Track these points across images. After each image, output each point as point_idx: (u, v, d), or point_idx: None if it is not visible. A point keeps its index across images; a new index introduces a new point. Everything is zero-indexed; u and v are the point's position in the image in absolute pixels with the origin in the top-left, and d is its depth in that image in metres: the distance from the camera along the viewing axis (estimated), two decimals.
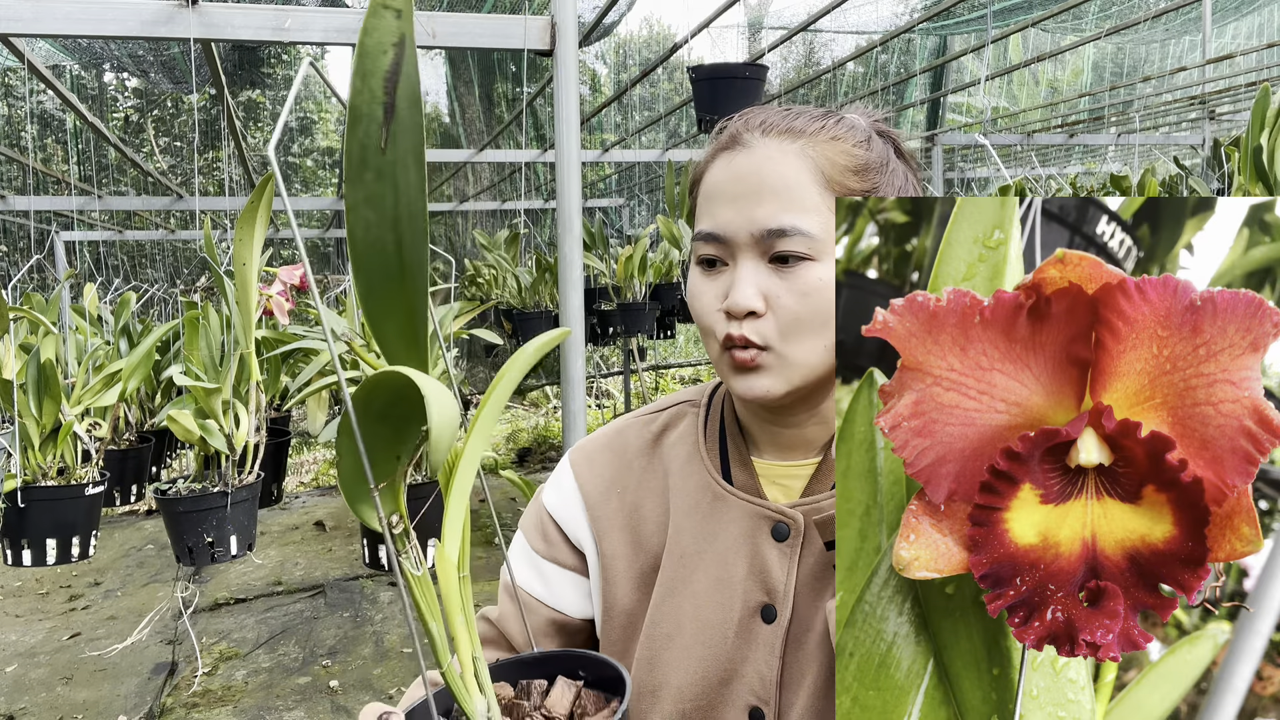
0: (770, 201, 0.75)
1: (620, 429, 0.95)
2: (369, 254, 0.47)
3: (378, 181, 0.46)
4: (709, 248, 0.78)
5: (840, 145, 0.78)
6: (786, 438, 0.83)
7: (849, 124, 0.80)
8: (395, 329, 0.49)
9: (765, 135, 0.78)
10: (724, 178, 0.79)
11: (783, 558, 0.79)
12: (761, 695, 0.78)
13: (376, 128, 0.45)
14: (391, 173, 0.46)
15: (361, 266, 0.48)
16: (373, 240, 0.47)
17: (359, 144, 0.45)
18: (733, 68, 3.95)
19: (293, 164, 14.53)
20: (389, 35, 0.45)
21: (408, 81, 0.45)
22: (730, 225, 0.77)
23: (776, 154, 0.77)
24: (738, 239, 0.76)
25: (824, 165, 0.77)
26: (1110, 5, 6.41)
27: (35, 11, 1.77)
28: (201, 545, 2.24)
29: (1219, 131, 6.13)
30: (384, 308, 0.49)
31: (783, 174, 0.76)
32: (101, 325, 3.32)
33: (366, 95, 0.45)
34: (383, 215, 0.47)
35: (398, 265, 0.48)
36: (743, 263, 0.76)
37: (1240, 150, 2.94)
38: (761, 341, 0.76)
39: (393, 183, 0.46)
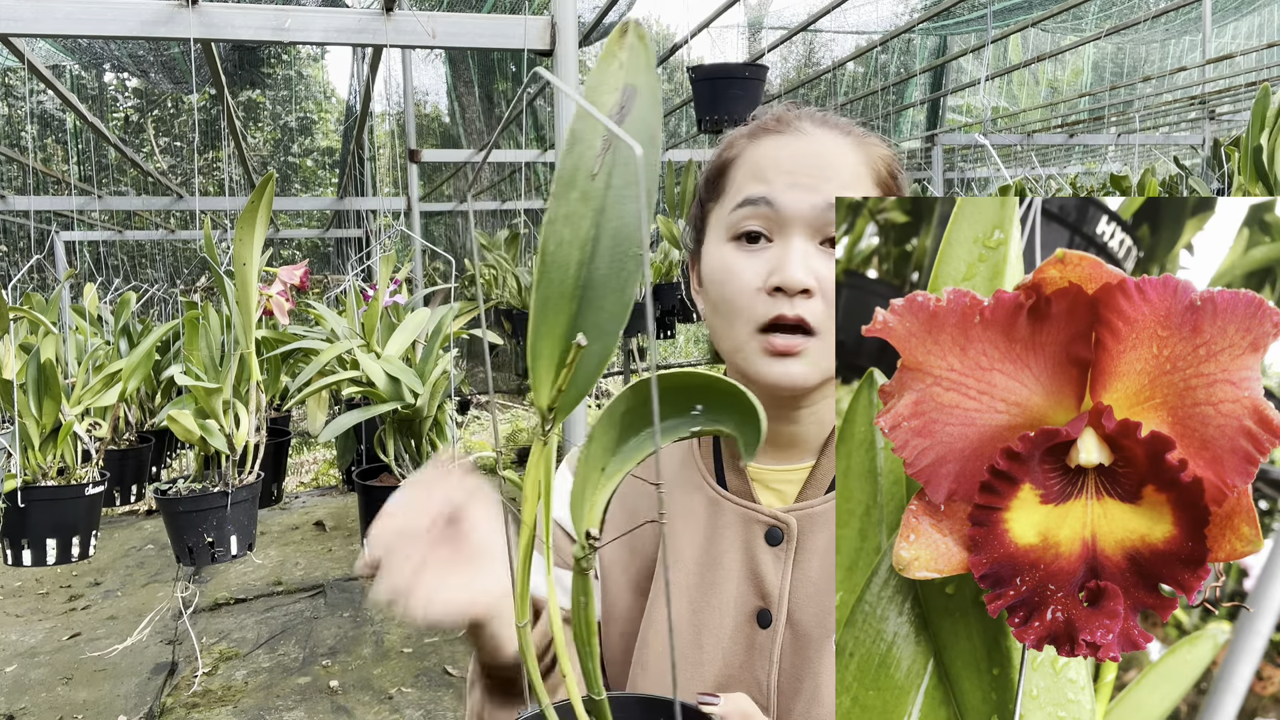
0: (834, 179, 0.75)
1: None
2: (551, 268, 0.47)
3: (581, 203, 0.47)
4: (756, 218, 0.75)
5: (883, 150, 0.80)
6: (785, 437, 0.82)
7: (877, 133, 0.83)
8: (547, 352, 0.48)
9: (818, 126, 0.78)
10: (779, 155, 0.77)
11: (777, 562, 0.79)
12: (760, 701, 0.77)
13: (592, 154, 0.46)
14: (599, 198, 0.47)
15: (541, 280, 0.47)
16: (559, 258, 0.47)
17: (572, 164, 0.46)
18: (733, 68, 3.95)
19: (292, 164, 14.52)
20: (615, 79, 0.47)
21: (638, 120, 0.46)
22: (786, 196, 0.74)
23: (834, 146, 0.77)
24: (795, 211, 0.74)
25: (876, 165, 0.78)
26: (1110, 5, 6.40)
27: (35, 11, 1.77)
28: (201, 545, 2.24)
29: (1219, 131, 6.13)
30: (544, 326, 0.48)
31: (843, 164, 0.76)
32: (101, 325, 3.32)
33: (589, 123, 0.46)
34: (575, 236, 0.47)
35: (573, 288, 0.47)
36: (794, 239, 0.74)
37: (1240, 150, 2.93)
38: (813, 322, 0.73)
39: (597, 208, 0.47)
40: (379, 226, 5.40)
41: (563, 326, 0.48)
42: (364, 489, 2.36)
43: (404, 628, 4.19)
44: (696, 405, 0.49)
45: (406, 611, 0.62)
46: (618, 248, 0.47)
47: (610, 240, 0.47)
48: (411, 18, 1.90)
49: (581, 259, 0.47)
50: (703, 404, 0.49)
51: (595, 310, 0.47)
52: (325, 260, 11.78)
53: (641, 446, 0.51)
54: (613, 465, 0.51)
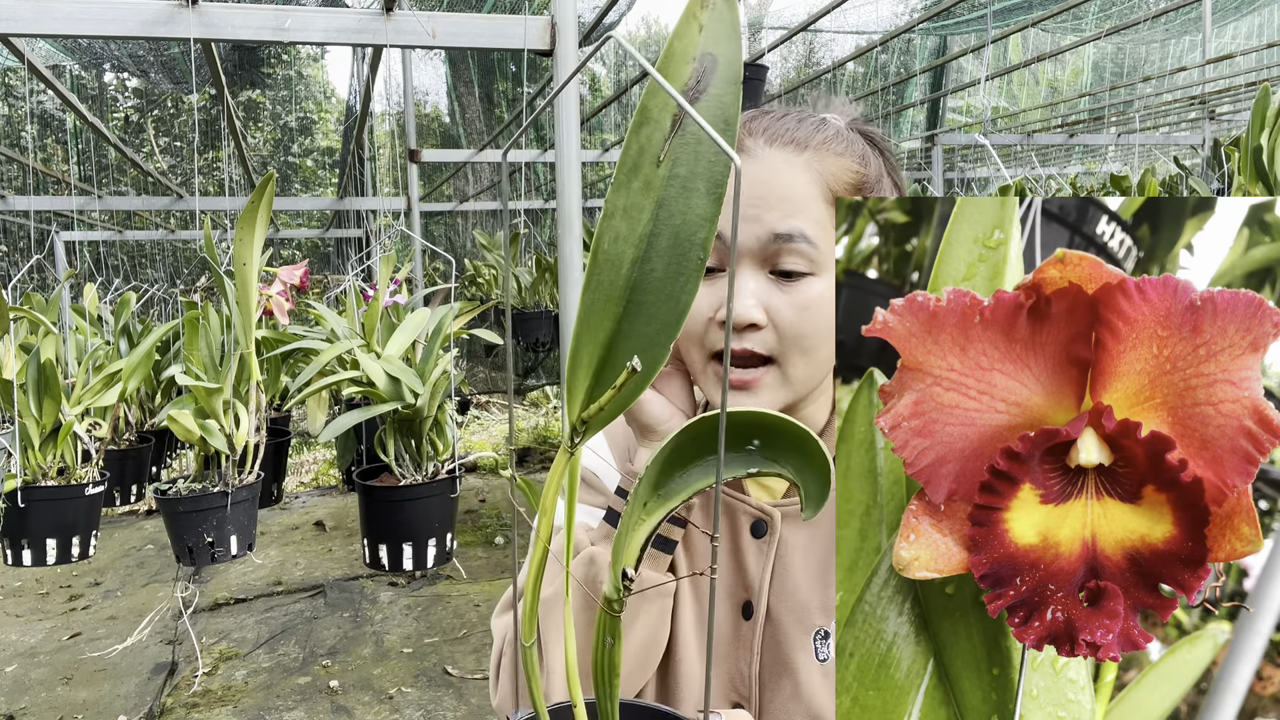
0: (777, 208, 0.74)
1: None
2: (603, 268, 0.42)
3: (643, 193, 0.41)
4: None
5: (843, 161, 0.78)
6: None
7: (845, 136, 0.80)
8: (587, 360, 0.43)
9: (770, 145, 0.77)
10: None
11: (759, 555, 0.80)
12: (742, 691, 0.79)
13: (661, 136, 0.40)
14: (661, 189, 0.41)
15: (590, 281, 0.42)
16: (613, 256, 0.41)
17: (638, 147, 0.41)
18: None
19: (292, 164, 14.52)
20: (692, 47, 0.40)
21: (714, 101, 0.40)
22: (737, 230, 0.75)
23: (783, 165, 0.76)
24: (741, 247, 0.74)
25: (829, 180, 0.76)
26: (1110, 5, 6.40)
27: (35, 11, 1.77)
28: (201, 545, 2.24)
29: (1219, 131, 6.13)
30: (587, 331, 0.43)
31: (790, 184, 0.75)
32: (101, 325, 3.32)
33: (660, 99, 0.40)
34: (632, 232, 0.41)
35: (622, 291, 0.42)
36: (743, 271, 0.74)
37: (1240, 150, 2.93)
38: (765, 351, 0.74)
39: (658, 200, 0.41)
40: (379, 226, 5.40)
41: (606, 332, 0.42)
42: (364, 489, 2.36)
43: (404, 628, 4.20)
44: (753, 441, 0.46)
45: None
46: (677, 249, 0.41)
47: (670, 240, 0.41)
48: (411, 18, 1.90)
49: (635, 258, 0.42)
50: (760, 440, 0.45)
51: (645, 318, 0.42)
52: (325, 260, 11.78)
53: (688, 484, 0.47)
54: (654, 502, 0.47)
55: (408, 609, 4.44)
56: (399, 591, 4.68)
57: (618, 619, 0.47)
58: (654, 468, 0.46)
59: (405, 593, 4.66)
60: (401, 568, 2.34)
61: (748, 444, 0.46)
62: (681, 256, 0.41)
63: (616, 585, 0.46)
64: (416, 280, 4.64)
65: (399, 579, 4.78)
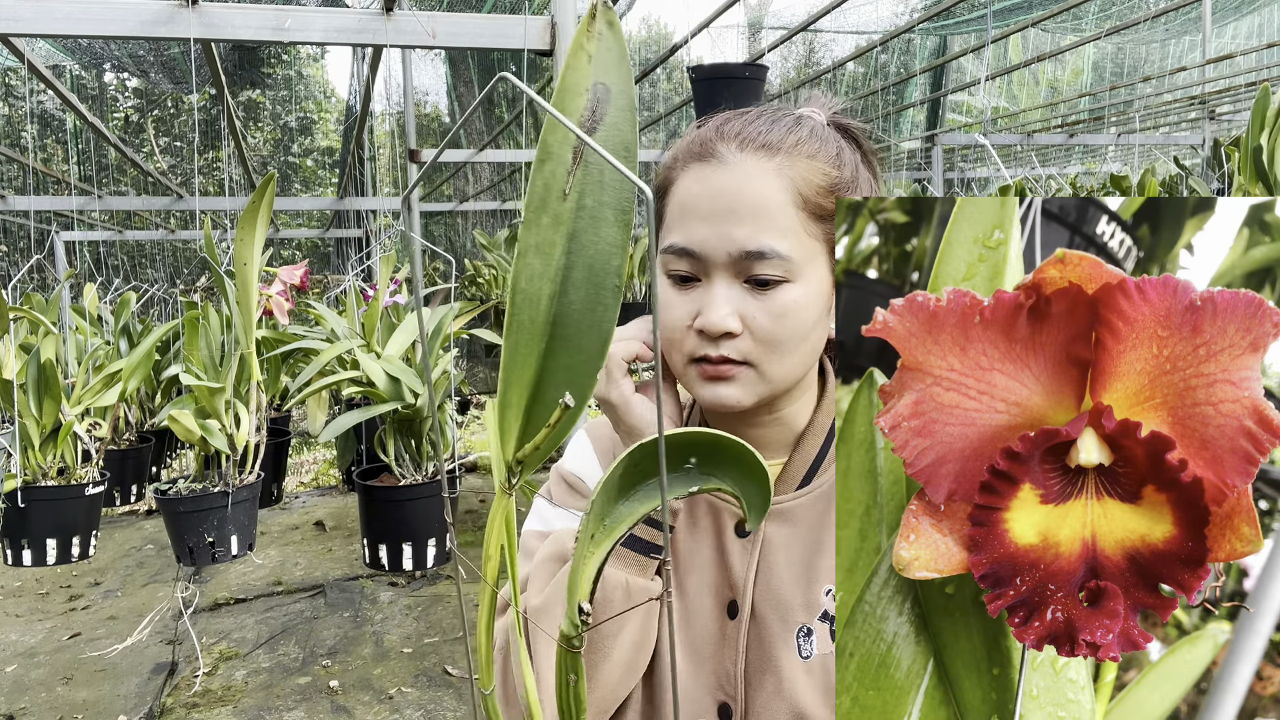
0: (749, 222, 0.74)
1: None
2: (522, 307, 0.42)
3: (553, 228, 0.41)
4: (682, 264, 0.77)
5: (815, 164, 0.77)
6: (752, 439, 0.84)
7: (820, 135, 0.79)
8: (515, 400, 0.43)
9: (742, 150, 0.77)
10: (700, 193, 0.77)
11: (744, 554, 0.81)
12: (728, 690, 0.79)
13: (564, 170, 0.41)
14: (570, 221, 0.41)
15: (511, 321, 0.42)
16: (531, 294, 0.42)
17: (543, 183, 0.41)
18: (733, 68, 3.95)
19: (292, 164, 14.53)
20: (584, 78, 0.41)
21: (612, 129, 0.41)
22: (706, 244, 0.76)
23: (755, 173, 0.76)
24: (714, 258, 0.75)
25: (800, 185, 0.76)
26: (1110, 5, 6.40)
27: (35, 11, 1.77)
28: (202, 545, 2.24)
29: (1219, 131, 6.13)
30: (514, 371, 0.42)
31: (762, 195, 0.75)
32: (101, 325, 3.32)
33: (559, 134, 0.41)
34: (547, 267, 0.41)
35: (544, 327, 0.42)
36: (717, 281, 0.75)
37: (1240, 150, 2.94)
38: (741, 358, 0.76)
39: (568, 233, 0.41)
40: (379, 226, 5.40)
41: (532, 370, 0.43)
42: (364, 489, 2.36)
43: (404, 628, 4.20)
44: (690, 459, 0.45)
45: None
46: (593, 279, 0.42)
47: (585, 271, 0.42)
48: (411, 18, 1.90)
49: (553, 293, 0.42)
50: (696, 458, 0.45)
51: (570, 351, 0.42)
52: (325, 260, 11.78)
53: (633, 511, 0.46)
54: (601, 533, 0.46)
55: (408, 609, 4.44)
56: (399, 591, 4.68)
57: (578, 655, 0.46)
58: (599, 498, 0.46)
59: (405, 593, 4.67)
60: (401, 567, 2.34)
61: (685, 463, 0.46)
62: (598, 286, 0.42)
63: (573, 621, 0.45)
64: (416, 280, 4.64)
65: (399, 579, 4.78)
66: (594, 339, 0.42)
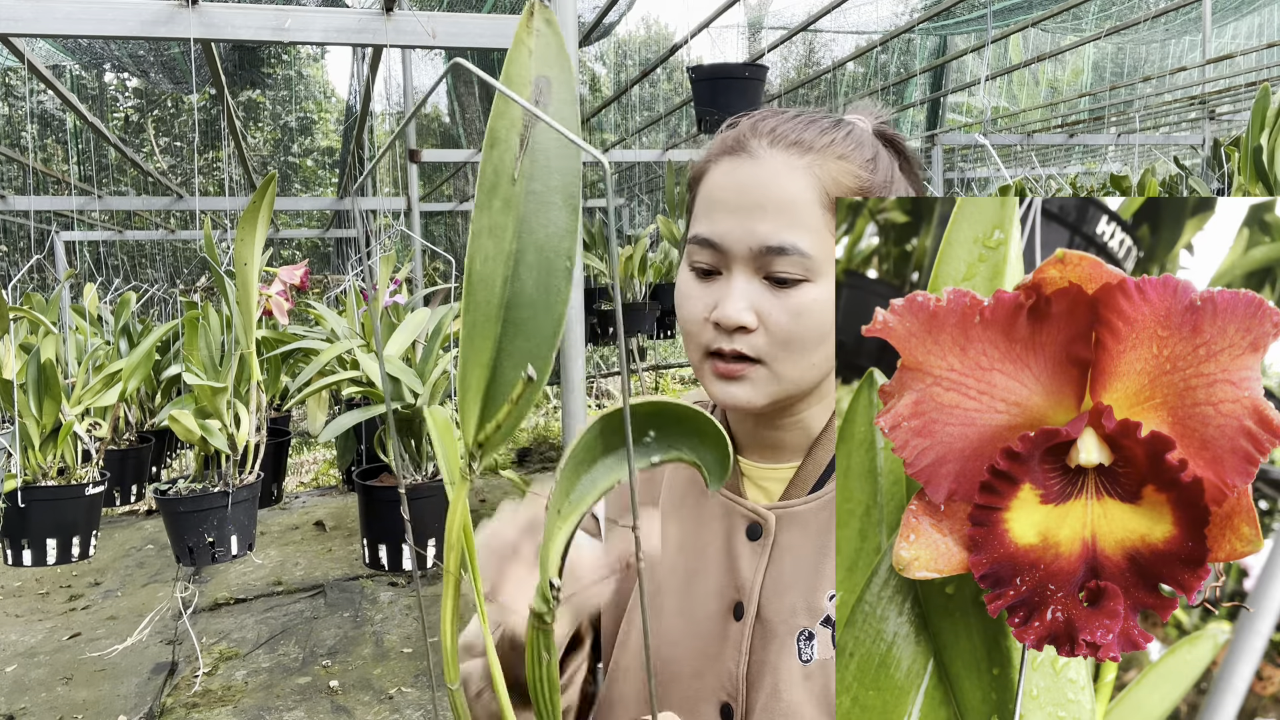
0: (773, 218, 0.74)
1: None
2: (477, 288, 0.43)
3: (504, 212, 0.43)
4: (705, 255, 0.77)
5: (846, 165, 0.77)
6: (766, 439, 0.84)
7: (856, 139, 0.79)
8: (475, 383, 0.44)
9: (773, 146, 0.77)
10: (727, 185, 0.77)
11: (753, 556, 0.81)
12: (730, 691, 0.79)
13: (511, 156, 0.42)
14: (520, 205, 0.43)
15: (468, 303, 0.43)
16: (485, 276, 0.43)
17: (493, 168, 0.43)
18: (733, 68, 3.95)
19: (293, 164, 14.53)
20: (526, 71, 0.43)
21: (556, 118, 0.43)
22: (729, 236, 0.75)
23: (783, 169, 0.75)
24: (735, 250, 0.75)
25: (829, 185, 0.76)
26: (1110, 5, 6.40)
27: (35, 11, 1.77)
28: (202, 545, 2.24)
29: (1219, 131, 6.13)
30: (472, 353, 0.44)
31: (788, 191, 0.75)
32: (101, 325, 3.32)
33: (506, 120, 0.43)
34: (500, 250, 0.43)
35: (498, 310, 0.43)
36: (737, 275, 0.75)
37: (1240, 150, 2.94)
38: (753, 354, 0.75)
39: (518, 217, 0.43)
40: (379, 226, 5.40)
41: (488, 353, 0.43)
42: (364, 489, 2.37)
43: (404, 628, 4.20)
44: (649, 432, 0.46)
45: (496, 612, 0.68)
46: (544, 261, 0.43)
47: (535, 253, 0.43)
48: (411, 18, 1.90)
49: (506, 276, 0.43)
50: (655, 430, 0.46)
51: (524, 334, 0.43)
52: (325, 260, 11.78)
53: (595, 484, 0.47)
54: (567, 508, 0.47)
55: (408, 609, 4.44)
56: (399, 591, 4.68)
57: (550, 632, 0.46)
58: (565, 473, 0.46)
59: (405, 592, 4.67)
60: (401, 567, 2.34)
61: (645, 436, 0.46)
62: (549, 269, 0.43)
63: (545, 596, 0.45)
64: (416, 280, 4.64)
65: (399, 579, 4.78)
66: (548, 321, 0.43)
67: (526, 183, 0.43)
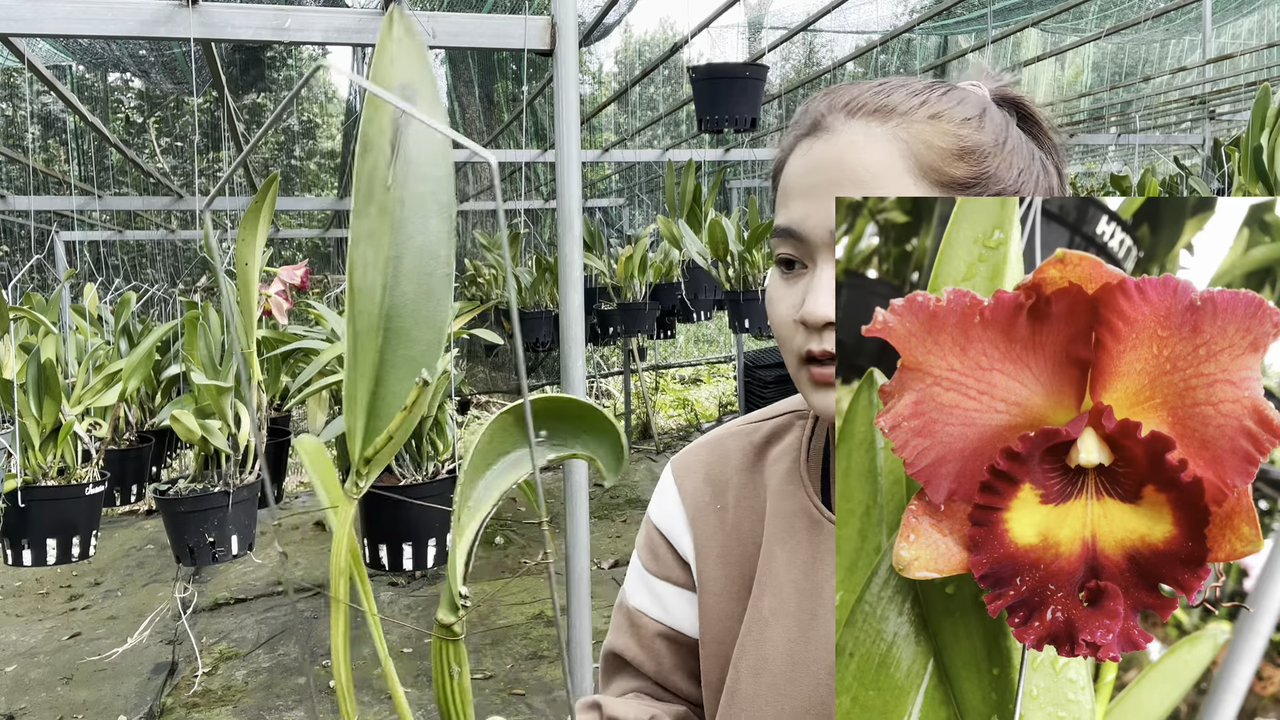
0: (851, 193, 0.66)
1: (721, 438, 0.87)
2: (360, 297, 0.43)
3: (380, 218, 0.42)
4: (785, 246, 0.70)
5: (940, 125, 0.67)
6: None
7: (958, 96, 0.70)
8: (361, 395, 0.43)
9: (851, 117, 0.68)
10: (800, 168, 0.70)
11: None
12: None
13: (384, 161, 0.42)
14: (396, 212, 0.42)
15: (352, 313, 0.43)
16: (366, 284, 0.42)
17: (367, 174, 0.42)
18: (733, 68, 3.95)
19: (296, 167, 14.54)
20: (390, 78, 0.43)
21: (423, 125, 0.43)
22: (805, 222, 0.68)
23: (861, 139, 0.67)
24: (814, 237, 0.68)
25: (918, 149, 0.66)
26: (1110, 5, 6.40)
27: (35, 11, 1.77)
28: (202, 545, 2.24)
29: (1219, 131, 6.13)
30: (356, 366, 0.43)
31: (867, 162, 0.66)
32: (101, 325, 3.32)
33: (376, 126, 0.42)
34: (379, 255, 0.42)
35: (378, 319, 0.43)
36: (822, 266, 0.68)
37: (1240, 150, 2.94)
38: None
39: (394, 224, 0.42)
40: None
41: (372, 365, 0.43)
42: None
43: (404, 628, 4.19)
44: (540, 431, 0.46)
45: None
46: (423, 268, 0.42)
47: (414, 259, 0.42)
48: (411, 18, 1.90)
49: (385, 284, 0.43)
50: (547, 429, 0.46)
51: (407, 343, 0.43)
52: (325, 260, 11.78)
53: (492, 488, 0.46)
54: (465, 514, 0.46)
55: (408, 609, 4.44)
56: (399, 591, 4.68)
57: (460, 644, 0.45)
58: (463, 483, 0.45)
59: (405, 593, 4.67)
60: (401, 568, 2.34)
61: (537, 435, 0.46)
62: (428, 276, 0.43)
63: (453, 605, 0.44)
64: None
65: (399, 579, 4.78)
66: (429, 329, 0.43)
67: (399, 190, 0.42)
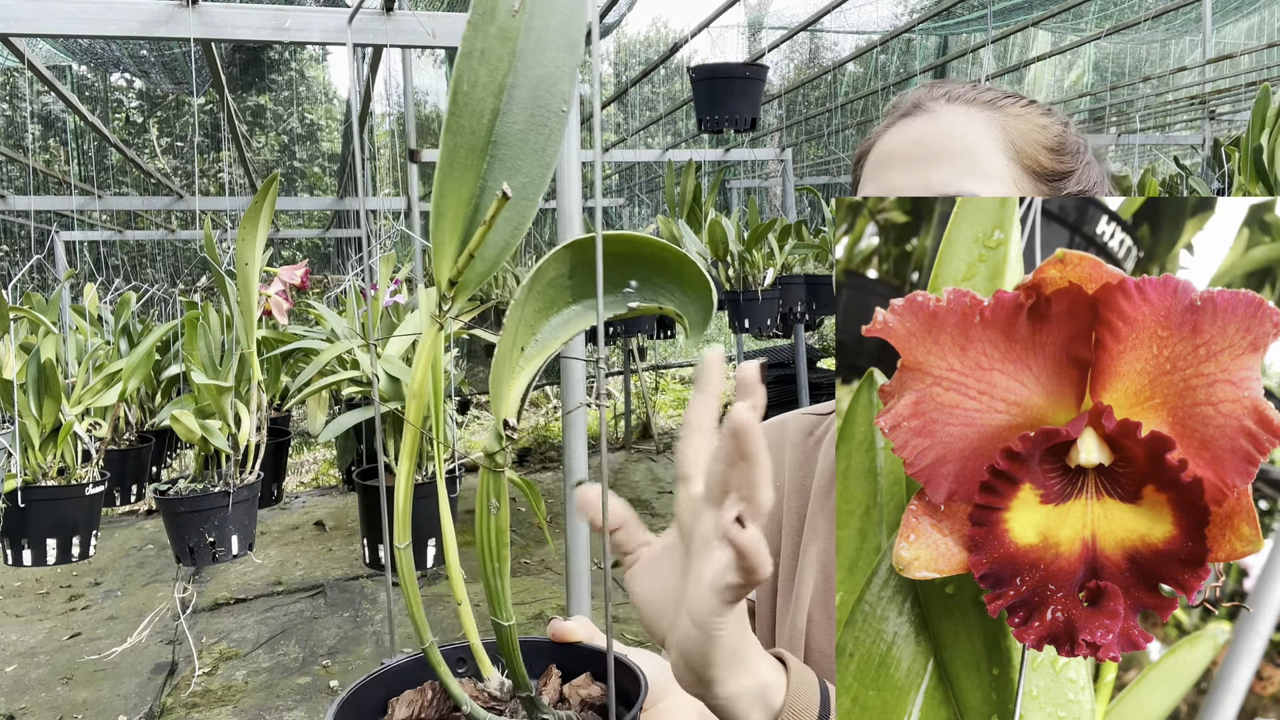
0: (948, 166, 0.66)
1: (785, 418, 0.88)
2: (463, 113, 0.40)
3: (500, 41, 0.40)
4: None
5: (1034, 120, 0.70)
6: None
7: (1044, 108, 0.73)
8: (451, 212, 0.40)
9: (951, 103, 0.70)
10: (898, 142, 0.70)
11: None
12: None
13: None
14: (518, 39, 0.40)
15: (451, 126, 0.40)
16: (473, 101, 0.40)
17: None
18: (733, 68, 3.95)
19: (298, 169, 14.54)
20: None
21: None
22: (899, 190, 0.68)
23: (962, 119, 0.68)
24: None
25: (1015, 136, 0.68)
26: (1110, 5, 6.40)
27: (35, 11, 1.77)
28: (202, 545, 2.24)
29: (1219, 131, 6.13)
30: (451, 184, 0.40)
31: (968, 137, 0.67)
32: (101, 325, 3.32)
33: None
34: (492, 79, 0.40)
35: (484, 143, 0.40)
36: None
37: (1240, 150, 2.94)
38: None
39: (514, 51, 0.40)
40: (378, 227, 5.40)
41: (470, 186, 0.40)
42: (364, 489, 2.36)
43: (404, 627, 4.19)
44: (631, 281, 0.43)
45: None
46: (538, 101, 0.40)
47: (529, 91, 0.40)
48: (411, 18, 1.90)
49: (496, 109, 0.40)
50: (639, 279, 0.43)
51: (510, 172, 0.40)
52: (325, 260, 11.77)
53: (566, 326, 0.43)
54: (532, 348, 0.43)
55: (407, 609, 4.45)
56: (399, 591, 4.68)
57: (501, 476, 0.43)
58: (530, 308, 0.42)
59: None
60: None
61: (625, 285, 0.43)
62: (543, 108, 0.40)
63: (499, 434, 0.42)
64: (416, 280, 4.64)
65: (398, 579, 4.78)
66: (536, 161, 0.41)
67: (527, 18, 0.40)
